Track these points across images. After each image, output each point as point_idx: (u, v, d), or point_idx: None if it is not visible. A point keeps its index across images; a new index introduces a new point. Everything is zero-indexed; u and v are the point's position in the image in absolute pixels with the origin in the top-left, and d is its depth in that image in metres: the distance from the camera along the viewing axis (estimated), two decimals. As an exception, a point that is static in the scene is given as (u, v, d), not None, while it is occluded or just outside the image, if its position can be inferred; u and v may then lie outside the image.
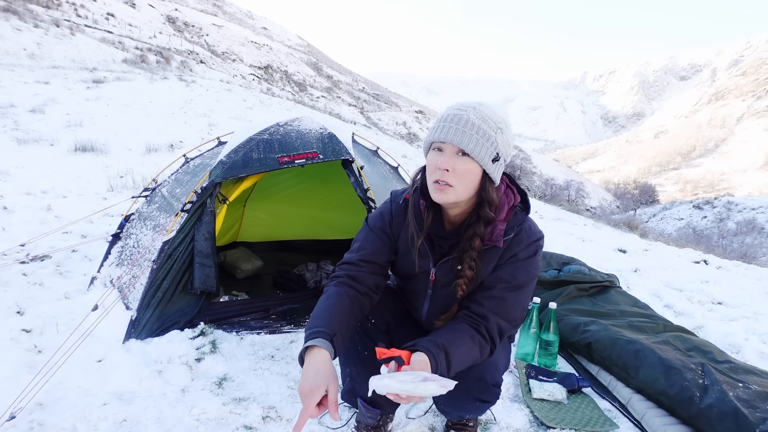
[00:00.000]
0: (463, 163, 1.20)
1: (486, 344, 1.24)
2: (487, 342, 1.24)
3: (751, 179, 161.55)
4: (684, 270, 5.36)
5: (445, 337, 1.18)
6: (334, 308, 1.23)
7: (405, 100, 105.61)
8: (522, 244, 1.28)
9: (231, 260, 3.33)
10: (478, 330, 1.23)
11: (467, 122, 1.19)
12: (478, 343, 1.22)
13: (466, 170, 1.20)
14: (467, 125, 1.19)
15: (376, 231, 1.41)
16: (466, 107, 1.22)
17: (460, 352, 1.16)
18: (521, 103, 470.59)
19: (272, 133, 2.54)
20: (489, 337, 1.24)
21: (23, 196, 4.52)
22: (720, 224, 29.92)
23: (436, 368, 1.09)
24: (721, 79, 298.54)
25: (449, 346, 1.14)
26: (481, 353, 1.24)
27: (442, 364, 1.11)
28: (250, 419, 1.69)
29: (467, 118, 1.19)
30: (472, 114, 1.20)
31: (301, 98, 39.13)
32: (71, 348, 1.81)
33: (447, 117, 1.22)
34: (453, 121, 1.20)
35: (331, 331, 1.15)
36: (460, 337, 1.20)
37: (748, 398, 1.78)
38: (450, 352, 1.13)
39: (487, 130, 1.20)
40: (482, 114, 1.21)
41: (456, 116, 1.20)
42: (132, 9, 50.29)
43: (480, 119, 1.20)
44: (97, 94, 12.02)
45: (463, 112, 1.21)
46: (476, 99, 1.32)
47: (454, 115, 1.21)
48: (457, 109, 1.22)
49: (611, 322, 2.40)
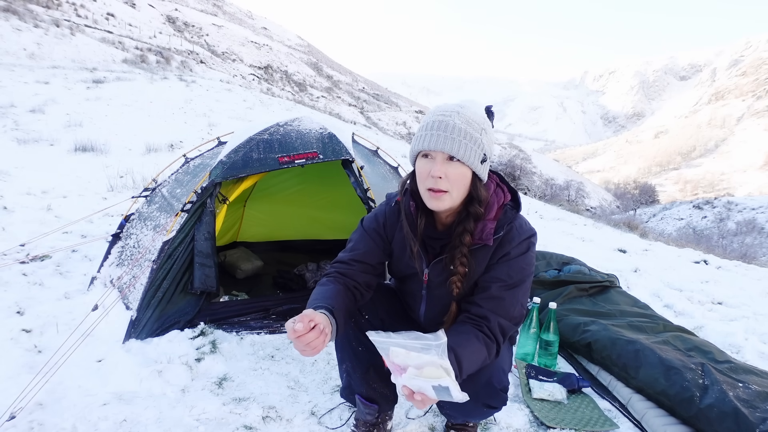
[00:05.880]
0: (454, 168, 1.21)
1: (492, 343, 1.24)
2: (492, 341, 1.24)
3: (751, 179, 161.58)
4: (684, 270, 5.36)
5: (451, 339, 1.17)
6: (329, 291, 1.26)
7: (405, 100, 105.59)
8: (513, 242, 1.28)
9: (231, 260, 3.33)
10: (481, 330, 1.24)
11: (454, 128, 1.19)
12: (484, 342, 1.22)
13: (458, 175, 1.21)
14: (454, 131, 1.19)
15: (370, 232, 1.43)
16: (450, 112, 1.22)
17: (469, 351, 1.16)
18: (521, 103, 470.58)
19: (272, 133, 2.54)
20: (492, 336, 1.24)
21: (23, 196, 4.52)
22: (720, 224, 29.92)
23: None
24: (721, 79, 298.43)
25: (457, 347, 1.13)
26: (489, 353, 1.23)
27: (453, 364, 1.09)
28: (250, 419, 1.69)
29: (453, 124, 1.20)
30: (457, 119, 1.20)
31: (301, 98, 39.13)
32: (71, 348, 1.81)
33: (432, 124, 1.22)
34: (440, 129, 1.20)
35: (329, 305, 1.17)
36: (465, 338, 1.20)
37: (748, 398, 1.78)
38: (459, 352, 1.12)
39: (473, 133, 1.21)
40: (467, 118, 1.21)
41: (442, 123, 1.20)
42: (132, 9, 50.30)
43: (465, 123, 1.20)
44: (97, 94, 12.02)
45: (448, 117, 1.21)
46: (476, 99, 1.32)
47: (440, 122, 1.21)
48: (441, 115, 1.22)
49: (611, 322, 2.40)
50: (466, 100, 1.31)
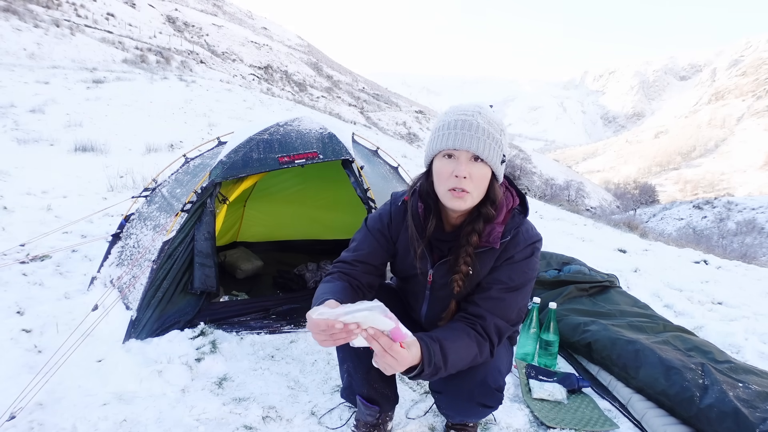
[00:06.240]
0: (477, 169, 1.21)
1: (484, 341, 1.24)
2: (485, 339, 1.24)
3: (751, 179, 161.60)
4: (684, 270, 5.37)
5: (439, 332, 1.19)
6: (336, 287, 1.26)
7: (405, 100, 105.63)
8: (519, 246, 1.28)
9: (231, 260, 3.33)
10: (473, 327, 1.24)
11: (478, 128, 1.19)
12: (474, 339, 1.22)
13: (481, 175, 1.22)
14: (479, 131, 1.19)
15: (374, 233, 1.42)
16: (472, 112, 1.21)
17: (456, 345, 1.16)
18: (521, 103, 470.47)
19: (272, 133, 2.54)
20: (486, 335, 1.24)
21: (23, 196, 4.52)
22: (720, 224, 29.92)
23: (429, 357, 1.08)
24: (721, 79, 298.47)
25: (444, 340, 1.14)
26: (481, 351, 1.23)
27: (437, 354, 1.10)
28: (250, 419, 1.69)
29: (477, 124, 1.19)
30: (480, 119, 1.20)
31: (301, 98, 39.13)
32: (71, 348, 1.81)
33: (455, 123, 1.21)
34: (464, 128, 1.19)
35: (339, 300, 1.15)
36: (455, 333, 1.20)
37: (748, 398, 1.78)
38: (445, 345, 1.13)
39: (495, 134, 1.21)
40: (488, 118, 1.21)
41: (466, 122, 1.20)
42: (132, 9, 50.28)
43: (488, 123, 1.20)
44: (97, 94, 12.02)
45: (470, 117, 1.20)
46: (476, 99, 1.32)
47: (464, 121, 1.20)
48: (463, 114, 1.21)
49: (611, 322, 2.40)
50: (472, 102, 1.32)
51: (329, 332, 0.96)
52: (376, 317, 0.95)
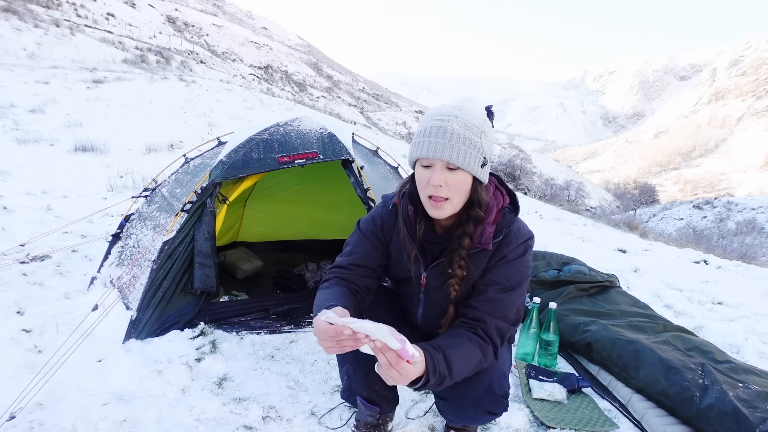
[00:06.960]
0: (454, 176, 1.18)
1: (487, 345, 1.23)
2: (487, 343, 1.23)
3: (751, 179, 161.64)
4: (684, 270, 5.36)
5: (441, 340, 1.17)
6: (335, 293, 1.25)
7: (405, 100, 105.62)
8: (511, 246, 1.27)
9: (231, 260, 3.33)
10: (475, 332, 1.23)
11: (452, 134, 1.15)
12: (477, 344, 1.21)
13: (458, 181, 1.19)
14: (453, 137, 1.15)
15: (368, 235, 1.41)
16: (448, 116, 1.18)
17: (460, 353, 1.15)
18: (521, 103, 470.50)
19: (272, 133, 2.54)
20: (488, 338, 1.24)
21: (23, 196, 4.52)
22: (720, 224, 29.91)
23: (433, 366, 1.07)
24: (721, 79, 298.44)
25: (447, 348, 1.13)
26: (484, 355, 1.22)
27: (441, 363, 1.09)
28: (250, 419, 1.69)
29: (452, 130, 1.15)
30: (455, 124, 1.16)
31: (301, 98, 39.13)
32: (71, 348, 1.81)
33: (430, 130, 1.18)
34: (438, 135, 1.16)
35: (341, 305, 1.14)
36: (457, 340, 1.19)
37: (748, 398, 1.78)
38: (448, 353, 1.12)
39: (472, 138, 1.17)
40: (465, 121, 1.17)
41: (440, 129, 1.16)
42: (132, 9, 50.31)
43: (464, 128, 1.17)
44: (97, 94, 12.02)
45: (446, 123, 1.17)
46: (476, 98, 1.31)
47: (438, 127, 1.16)
48: (439, 120, 1.18)
49: (611, 322, 2.40)
50: (464, 98, 1.28)
51: (337, 338, 0.95)
52: (386, 335, 0.95)
